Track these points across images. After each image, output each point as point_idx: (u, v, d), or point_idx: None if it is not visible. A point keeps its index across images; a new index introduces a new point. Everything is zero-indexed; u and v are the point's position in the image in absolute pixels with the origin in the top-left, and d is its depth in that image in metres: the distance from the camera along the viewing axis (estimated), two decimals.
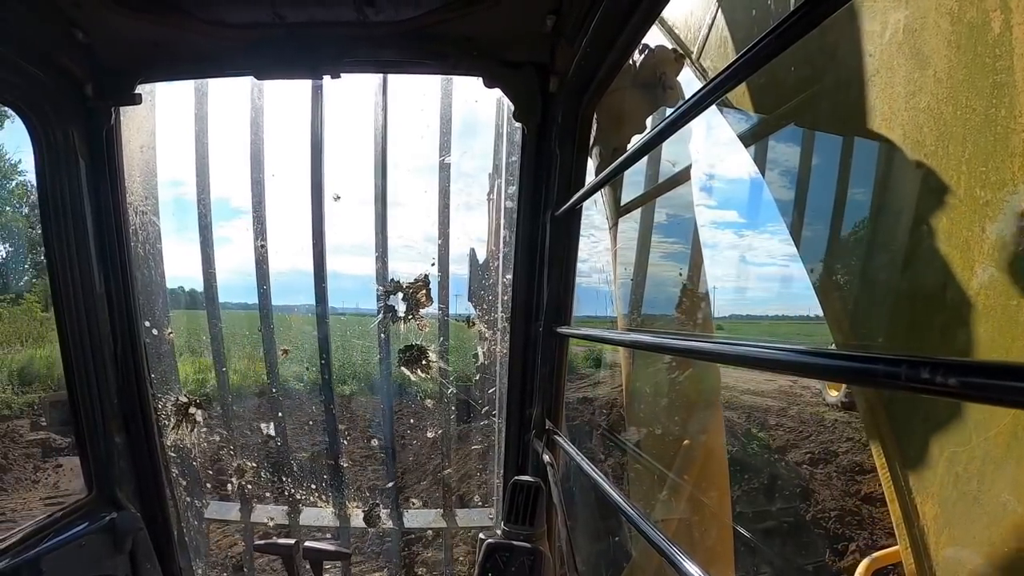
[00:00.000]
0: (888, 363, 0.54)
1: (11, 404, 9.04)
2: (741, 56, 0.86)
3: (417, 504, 5.49)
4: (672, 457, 2.59)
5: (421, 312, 3.41)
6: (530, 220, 2.24)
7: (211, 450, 3.56)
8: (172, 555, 2.59)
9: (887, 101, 1.51)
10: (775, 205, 2.02)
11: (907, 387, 0.51)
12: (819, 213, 1.82)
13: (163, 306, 2.76)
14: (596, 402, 8.51)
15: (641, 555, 2.83)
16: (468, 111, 3.06)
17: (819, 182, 1.83)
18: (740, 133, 2.17)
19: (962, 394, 0.46)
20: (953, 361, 0.47)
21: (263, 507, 3.68)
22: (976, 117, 1.29)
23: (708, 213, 8.95)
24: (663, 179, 2.91)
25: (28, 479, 7.55)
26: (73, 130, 2.06)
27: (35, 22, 1.82)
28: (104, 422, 2.26)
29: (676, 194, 2.90)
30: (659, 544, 1.13)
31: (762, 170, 2.13)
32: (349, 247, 4.42)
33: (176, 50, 2.04)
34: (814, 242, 1.84)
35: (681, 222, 2.97)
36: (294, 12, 1.86)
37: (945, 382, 0.46)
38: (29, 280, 11.25)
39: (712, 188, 9.14)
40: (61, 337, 2.16)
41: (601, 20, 1.55)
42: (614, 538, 3.52)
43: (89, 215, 2.15)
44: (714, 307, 2.97)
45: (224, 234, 3.33)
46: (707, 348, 1.16)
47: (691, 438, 2.57)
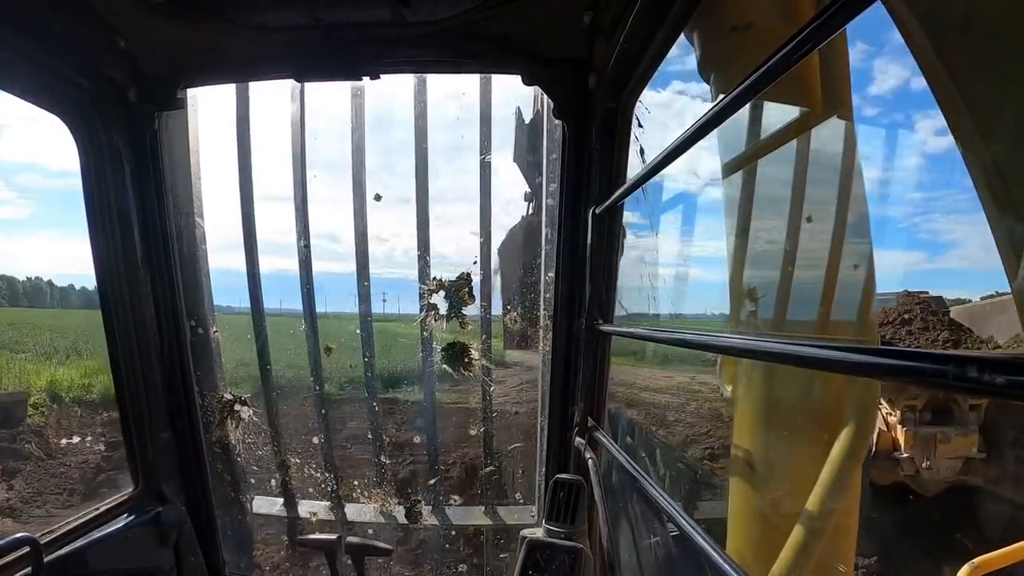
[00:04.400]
0: (935, 360, 0.52)
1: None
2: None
3: (458, 501, 5.53)
4: (792, 516, 2.03)
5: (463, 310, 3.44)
6: (571, 217, 2.22)
7: (255, 446, 3.65)
8: (216, 549, 2.64)
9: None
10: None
11: (954, 386, 0.49)
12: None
13: (208, 305, 2.81)
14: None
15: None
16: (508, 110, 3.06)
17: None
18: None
19: (1009, 393, 0.44)
20: (1001, 357, 0.44)
21: (306, 502, 3.74)
22: None
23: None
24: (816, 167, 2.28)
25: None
26: (118, 135, 2.11)
27: (79, 32, 1.86)
28: (150, 419, 2.31)
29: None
30: (704, 549, 1.11)
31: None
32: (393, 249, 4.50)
33: (217, 55, 2.08)
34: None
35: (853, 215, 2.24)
36: (331, 14, 1.89)
37: (992, 381, 0.44)
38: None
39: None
40: (109, 337, 2.21)
41: (640, 13, 1.52)
42: (655, 538, 3.46)
43: (135, 218, 2.20)
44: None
45: (266, 237, 3.41)
46: (754, 347, 1.13)
47: (823, 498, 1.97)
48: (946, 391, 0.68)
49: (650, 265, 3.13)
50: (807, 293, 2.21)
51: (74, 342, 10.62)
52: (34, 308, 13.89)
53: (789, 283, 2.23)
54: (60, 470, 7.48)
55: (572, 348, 2.30)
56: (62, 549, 1.87)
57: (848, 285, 2.11)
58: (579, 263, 2.20)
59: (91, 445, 8.04)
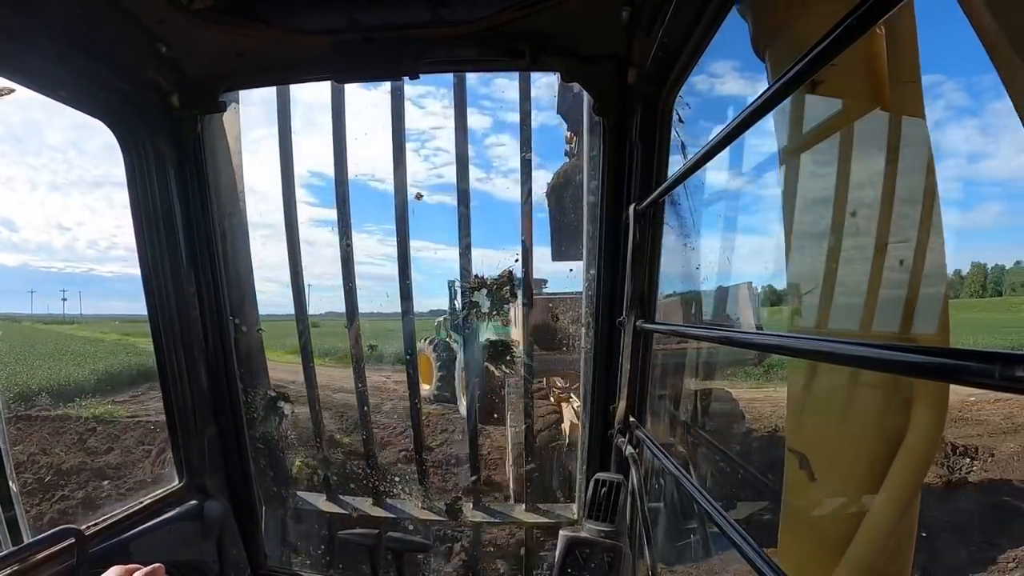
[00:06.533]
0: (981, 359, 0.50)
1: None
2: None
3: (499, 497, 5.54)
4: (852, 523, 1.89)
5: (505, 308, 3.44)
6: (612, 214, 2.21)
7: (298, 442, 3.70)
8: (258, 543, 2.69)
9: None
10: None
11: (1001, 386, 0.47)
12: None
13: (251, 303, 2.85)
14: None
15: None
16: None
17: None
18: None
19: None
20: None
21: (348, 498, 3.78)
22: None
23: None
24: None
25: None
26: (162, 139, 2.16)
27: (122, 40, 1.90)
28: (195, 415, 2.36)
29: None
30: (747, 552, 1.08)
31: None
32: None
33: (257, 58, 2.11)
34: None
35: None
36: (369, 16, 1.90)
37: None
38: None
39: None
40: (155, 335, 2.26)
41: (678, 7, 1.50)
42: (696, 537, 3.40)
43: (179, 219, 2.25)
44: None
45: (307, 234, 3.44)
46: (799, 346, 1.10)
47: (884, 509, 1.83)
48: (993, 391, 0.64)
49: (692, 264, 3.05)
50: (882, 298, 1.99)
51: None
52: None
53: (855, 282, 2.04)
54: None
55: (614, 345, 2.28)
56: (106, 542, 1.91)
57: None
58: (621, 260, 2.18)
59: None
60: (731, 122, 1.15)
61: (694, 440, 4.56)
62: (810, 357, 1.48)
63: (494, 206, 34.54)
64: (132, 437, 9.56)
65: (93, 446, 9.39)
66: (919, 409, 1.77)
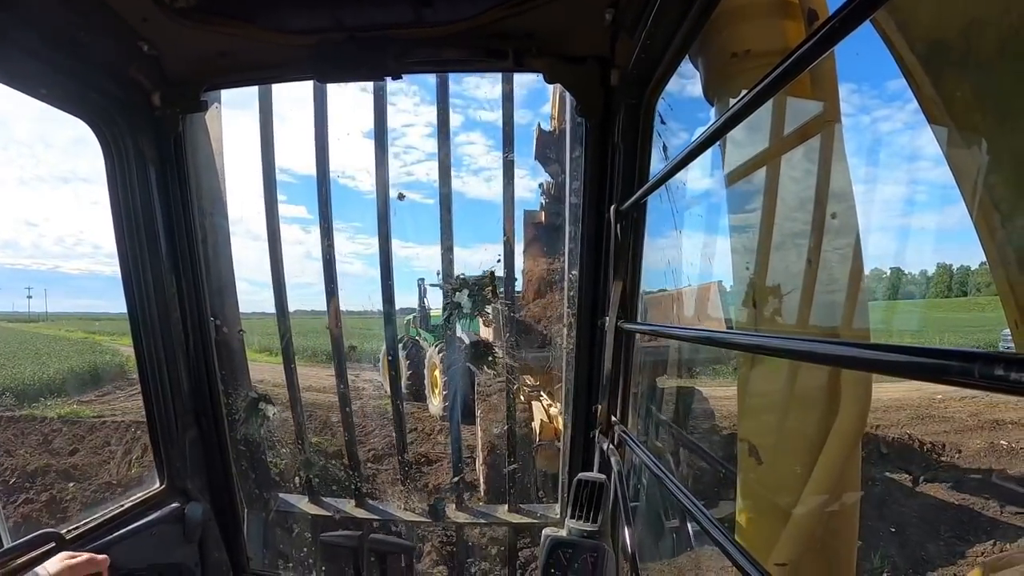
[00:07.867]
0: (962, 358, 0.51)
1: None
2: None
3: (481, 498, 5.52)
4: (794, 496, 2.08)
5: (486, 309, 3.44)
6: (595, 215, 2.22)
7: (280, 444, 3.68)
8: (240, 546, 2.67)
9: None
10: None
11: (981, 385, 0.48)
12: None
13: (233, 304, 2.83)
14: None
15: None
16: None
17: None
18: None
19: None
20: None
21: (330, 500, 3.76)
22: None
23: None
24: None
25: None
26: (142, 139, 2.14)
27: (104, 38, 1.88)
28: (176, 417, 2.34)
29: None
30: (728, 549, 1.09)
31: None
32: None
33: (240, 57, 2.10)
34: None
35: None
36: (353, 16, 1.90)
37: (1020, 379, 0.43)
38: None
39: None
40: (135, 336, 2.25)
41: (660, 11, 1.52)
42: (678, 536, 3.43)
43: (160, 219, 2.23)
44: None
45: (288, 235, 3.41)
46: (777, 345, 1.12)
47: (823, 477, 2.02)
48: (973, 389, 0.66)
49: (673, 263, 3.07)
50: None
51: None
52: None
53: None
54: None
55: (596, 346, 2.29)
56: (87, 546, 1.88)
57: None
58: (602, 261, 2.19)
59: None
60: (713, 124, 1.17)
61: (670, 437, 4.60)
62: (788, 356, 1.51)
63: (463, 203, 34.40)
64: (98, 437, 9.37)
65: (58, 447, 9.20)
66: (846, 400, 1.94)
